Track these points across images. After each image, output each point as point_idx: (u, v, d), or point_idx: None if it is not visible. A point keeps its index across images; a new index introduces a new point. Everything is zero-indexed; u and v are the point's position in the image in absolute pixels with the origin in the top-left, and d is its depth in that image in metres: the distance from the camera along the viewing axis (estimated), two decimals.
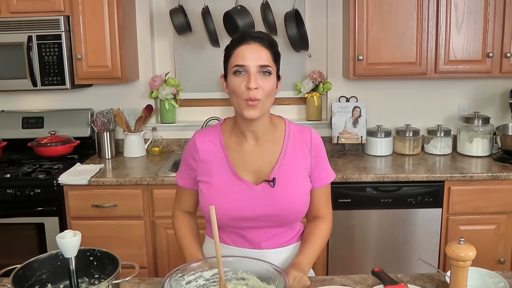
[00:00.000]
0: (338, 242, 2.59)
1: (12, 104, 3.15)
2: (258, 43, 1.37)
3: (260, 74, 1.35)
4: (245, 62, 1.35)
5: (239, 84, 1.35)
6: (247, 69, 1.35)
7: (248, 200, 1.42)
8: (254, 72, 1.34)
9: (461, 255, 1.13)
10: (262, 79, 1.36)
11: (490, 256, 2.56)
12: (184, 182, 1.55)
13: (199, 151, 1.48)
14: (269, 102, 1.40)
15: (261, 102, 1.36)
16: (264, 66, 1.35)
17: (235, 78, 1.37)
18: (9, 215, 2.54)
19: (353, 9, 2.67)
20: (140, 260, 2.63)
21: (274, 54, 1.40)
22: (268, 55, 1.37)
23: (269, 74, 1.37)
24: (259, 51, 1.36)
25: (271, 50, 1.39)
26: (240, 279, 1.31)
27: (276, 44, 1.43)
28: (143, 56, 3.08)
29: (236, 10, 2.84)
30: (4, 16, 2.68)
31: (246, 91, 1.34)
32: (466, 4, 2.64)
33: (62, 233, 1.18)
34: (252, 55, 1.35)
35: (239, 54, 1.36)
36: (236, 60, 1.36)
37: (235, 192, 1.43)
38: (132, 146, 3.02)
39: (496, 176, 2.49)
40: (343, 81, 3.08)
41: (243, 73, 1.36)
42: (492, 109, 3.07)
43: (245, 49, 1.36)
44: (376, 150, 2.93)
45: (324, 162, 1.53)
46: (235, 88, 1.36)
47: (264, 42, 1.38)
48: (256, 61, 1.35)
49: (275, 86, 1.41)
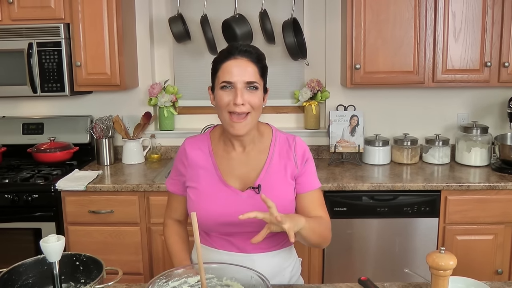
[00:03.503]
0: (333, 251, 2.58)
1: (13, 110, 3.18)
2: (245, 58, 1.39)
3: (247, 89, 1.38)
4: (232, 79, 1.37)
5: (225, 97, 1.38)
6: (234, 85, 1.37)
7: (234, 206, 1.44)
8: (241, 88, 1.37)
9: (441, 264, 1.12)
10: (248, 94, 1.38)
11: (488, 266, 2.53)
12: (175, 188, 1.57)
13: (188, 157, 1.51)
14: (255, 116, 1.42)
15: (248, 116, 1.39)
16: (251, 82, 1.38)
17: (222, 93, 1.39)
18: (6, 220, 2.57)
19: (350, 18, 2.68)
20: (136, 267, 2.64)
21: (261, 68, 1.42)
22: (255, 70, 1.39)
23: (255, 89, 1.39)
24: (246, 67, 1.38)
25: (258, 65, 1.41)
26: (224, 285, 1.31)
27: (263, 58, 1.45)
28: (142, 63, 3.10)
29: (235, 19, 2.86)
30: (6, 24, 2.72)
31: (233, 105, 1.37)
32: (464, 13, 2.64)
33: (46, 237, 1.19)
34: (239, 71, 1.37)
35: (227, 70, 1.38)
36: (224, 76, 1.38)
37: (222, 197, 1.45)
38: (131, 153, 3.04)
39: (493, 186, 2.47)
40: (341, 90, 3.08)
41: (229, 88, 1.38)
42: (491, 119, 3.06)
43: (232, 64, 1.38)
44: (374, 159, 2.92)
45: (311, 169, 1.52)
46: (221, 102, 1.39)
47: (252, 57, 1.40)
48: (243, 77, 1.37)
49: (262, 99, 1.43)
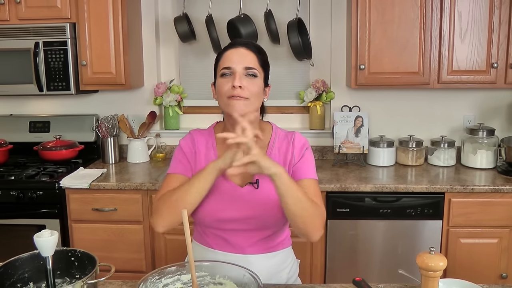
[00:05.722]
0: (335, 252, 2.57)
1: (20, 109, 3.22)
2: (245, 47, 1.44)
3: (246, 76, 1.41)
4: (232, 64, 1.41)
5: (225, 84, 1.41)
6: (233, 70, 1.41)
7: (233, 201, 1.44)
8: (240, 73, 1.40)
9: (431, 265, 1.11)
10: (247, 80, 1.41)
11: (492, 270, 2.50)
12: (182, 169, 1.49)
13: (196, 145, 1.51)
14: (255, 102, 1.43)
15: (247, 100, 1.40)
16: (250, 68, 1.41)
17: (221, 80, 1.43)
18: (11, 216, 2.60)
19: (355, 18, 2.66)
20: (138, 265, 2.66)
21: (261, 60, 1.45)
22: (254, 59, 1.43)
23: (254, 77, 1.42)
24: (246, 55, 1.42)
25: (258, 55, 1.45)
26: (217, 283, 1.32)
27: (264, 52, 1.49)
28: (148, 63, 3.12)
29: (240, 19, 2.86)
30: (13, 23, 2.76)
31: (231, 89, 1.39)
32: (470, 14, 2.61)
33: (39, 232, 1.19)
34: (238, 58, 1.41)
35: (227, 57, 1.43)
36: (224, 63, 1.43)
37: (221, 192, 1.45)
38: (136, 152, 3.05)
39: (498, 189, 2.43)
40: (347, 91, 3.06)
41: (229, 75, 1.41)
42: (498, 121, 3.01)
43: (232, 52, 1.43)
44: (378, 160, 2.90)
45: (307, 158, 1.50)
46: (221, 89, 1.42)
47: (252, 47, 1.45)
48: (242, 63, 1.40)
49: (261, 89, 1.45)
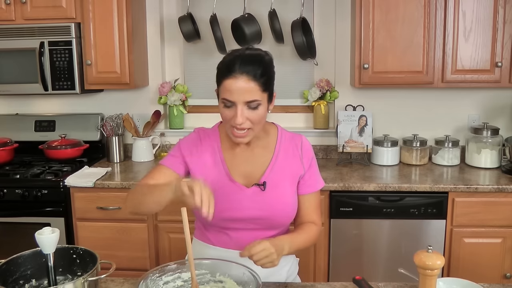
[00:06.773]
0: (339, 251, 2.57)
1: (25, 108, 3.25)
2: (245, 76, 1.33)
3: (247, 108, 1.35)
4: (232, 98, 1.34)
5: (227, 113, 1.37)
6: (234, 104, 1.34)
7: (238, 202, 1.45)
8: (241, 107, 1.34)
9: (428, 264, 1.11)
10: (249, 112, 1.35)
11: (495, 270, 2.49)
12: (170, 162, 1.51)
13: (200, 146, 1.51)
14: (257, 128, 1.41)
15: (250, 131, 1.39)
16: (251, 101, 1.34)
17: (224, 109, 1.38)
18: (17, 215, 2.62)
19: (359, 17, 2.66)
20: (142, 263, 2.67)
21: (263, 83, 1.36)
22: (255, 88, 1.34)
23: (256, 107, 1.36)
24: (246, 86, 1.33)
25: (259, 81, 1.34)
26: (217, 281, 1.33)
27: (268, 68, 1.39)
28: (153, 62, 3.14)
29: (244, 18, 2.87)
30: (19, 23, 2.78)
31: (234, 120, 1.35)
32: (475, 13, 2.60)
33: (41, 229, 1.21)
34: (239, 90, 1.33)
35: (227, 88, 1.34)
36: (224, 94, 1.35)
37: (226, 193, 1.45)
38: (140, 151, 3.07)
39: (502, 189, 2.42)
40: (351, 90, 3.05)
41: (231, 106, 1.36)
42: (502, 120, 3.00)
43: (231, 83, 1.33)
44: (382, 159, 2.89)
45: (314, 169, 1.56)
46: (224, 116, 1.39)
47: (253, 73, 1.34)
48: (243, 97, 1.33)
49: (265, 112, 1.40)
